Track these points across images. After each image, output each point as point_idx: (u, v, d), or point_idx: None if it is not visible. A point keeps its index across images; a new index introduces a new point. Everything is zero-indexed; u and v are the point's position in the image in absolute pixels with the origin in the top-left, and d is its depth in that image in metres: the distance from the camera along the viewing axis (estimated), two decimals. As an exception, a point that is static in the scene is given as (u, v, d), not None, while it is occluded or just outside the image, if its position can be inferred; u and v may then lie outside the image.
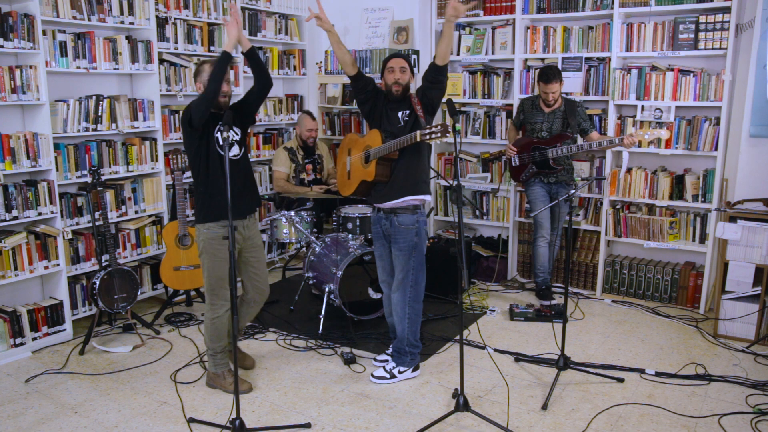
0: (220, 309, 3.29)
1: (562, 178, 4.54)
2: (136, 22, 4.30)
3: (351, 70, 3.46)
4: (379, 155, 3.34)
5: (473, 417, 3.02)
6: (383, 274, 3.60)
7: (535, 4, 4.90)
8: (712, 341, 4.01)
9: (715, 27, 4.27)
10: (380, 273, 3.63)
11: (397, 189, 3.37)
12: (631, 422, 3.05)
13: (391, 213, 3.41)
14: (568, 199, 3.36)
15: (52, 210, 3.90)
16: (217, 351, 3.36)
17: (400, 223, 3.37)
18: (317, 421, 3.07)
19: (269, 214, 5.15)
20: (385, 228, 3.47)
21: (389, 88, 3.39)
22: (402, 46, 5.46)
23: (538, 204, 4.56)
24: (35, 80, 3.76)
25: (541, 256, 4.60)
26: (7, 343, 3.75)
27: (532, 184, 4.61)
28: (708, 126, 4.35)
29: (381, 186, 3.41)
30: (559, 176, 4.53)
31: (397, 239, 3.40)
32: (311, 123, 5.03)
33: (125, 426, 3.04)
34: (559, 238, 4.66)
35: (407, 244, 3.37)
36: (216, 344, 3.35)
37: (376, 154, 3.36)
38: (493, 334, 4.11)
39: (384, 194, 3.41)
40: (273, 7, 5.45)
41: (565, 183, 4.56)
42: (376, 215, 3.51)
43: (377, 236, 3.53)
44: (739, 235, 3.94)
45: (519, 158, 4.58)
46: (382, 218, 3.46)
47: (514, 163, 4.63)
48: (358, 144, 3.55)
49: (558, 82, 4.36)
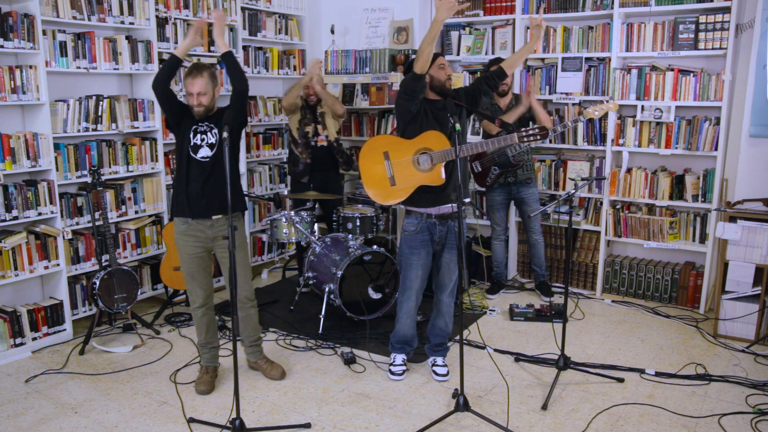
0: (193, 305, 3.42)
1: (522, 176, 4.57)
2: (136, 22, 4.30)
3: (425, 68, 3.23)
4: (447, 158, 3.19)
5: (473, 417, 3.02)
6: (421, 285, 3.44)
7: (535, 4, 4.91)
8: (712, 341, 4.01)
9: (715, 27, 4.27)
10: (418, 285, 3.43)
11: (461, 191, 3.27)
12: (631, 422, 3.05)
13: (445, 219, 3.33)
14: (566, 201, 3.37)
15: (52, 210, 3.90)
16: (198, 343, 3.51)
17: (456, 227, 3.30)
18: (317, 421, 3.07)
19: (269, 214, 5.15)
20: (439, 235, 3.35)
21: (442, 84, 3.30)
22: (402, 46, 5.47)
23: (495, 211, 4.73)
24: (35, 80, 3.76)
25: (496, 253, 4.87)
26: (7, 343, 3.75)
27: (493, 190, 4.67)
28: (708, 126, 4.35)
29: (434, 190, 3.27)
30: (518, 174, 4.55)
31: (453, 242, 3.34)
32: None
33: (125, 426, 3.04)
34: (540, 235, 4.71)
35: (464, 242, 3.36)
36: (197, 336, 3.49)
37: (443, 157, 3.21)
38: (493, 334, 4.11)
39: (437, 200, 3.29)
40: (273, 7, 5.45)
41: (525, 181, 4.59)
42: (425, 222, 3.32)
43: (424, 244, 3.35)
44: (739, 235, 3.94)
45: (480, 163, 4.59)
46: (436, 224, 3.34)
47: (476, 170, 4.65)
48: (402, 146, 3.30)
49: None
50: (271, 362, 3.57)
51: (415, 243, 3.36)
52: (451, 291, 3.45)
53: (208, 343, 3.45)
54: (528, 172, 4.60)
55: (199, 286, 3.38)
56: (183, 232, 3.32)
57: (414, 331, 3.56)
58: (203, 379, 3.40)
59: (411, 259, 3.39)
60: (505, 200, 4.70)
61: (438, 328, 3.53)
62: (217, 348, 3.51)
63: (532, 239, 4.71)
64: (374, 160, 3.34)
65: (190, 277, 3.38)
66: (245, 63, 5.23)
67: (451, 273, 3.42)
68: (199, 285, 3.38)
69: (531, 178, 4.61)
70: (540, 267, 4.78)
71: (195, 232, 3.31)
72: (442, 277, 3.46)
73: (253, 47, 5.33)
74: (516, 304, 4.52)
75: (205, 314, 3.42)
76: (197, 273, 3.37)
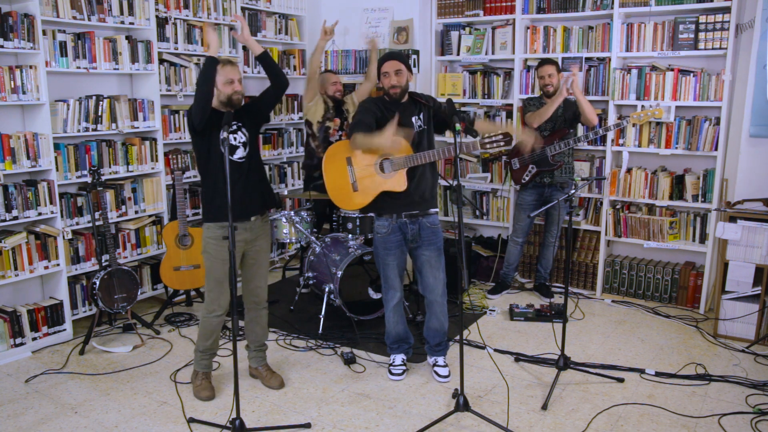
0: (212, 313, 3.26)
1: (559, 179, 4.50)
2: (136, 22, 4.30)
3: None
4: (410, 164, 3.22)
5: (473, 417, 3.02)
6: (399, 282, 3.49)
7: (535, 4, 4.91)
8: (712, 341, 4.01)
9: (715, 27, 4.28)
10: (396, 282, 3.47)
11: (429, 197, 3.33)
12: (631, 422, 3.05)
13: (416, 217, 3.35)
14: (568, 199, 3.35)
15: (52, 210, 3.90)
16: (200, 349, 3.33)
17: (431, 224, 3.33)
18: (317, 421, 3.07)
19: (269, 214, 5.14)
20: (411, 233, 3.37)
21: (386, 92, 3.34)
22: (402, 46, 5.47)
23: (521, 210, 4.64)
24: (35, 80, 3.76)
25: (510, 254, 4.80)
26: (7, 343, 3.75)
27: (526, 189, 4.61)
28: (708, 126, 4.35)
29: (402, 195, 3.30)
30: (555, 176, 4.49)
31: (433, 240, 3.35)
32: (333, 77, 4.74)
33: (125, 426, 3.04)
34: (557, 239, 4.67)
35: (441, 243, 3.38)
36: (201, 342, 3.32)
37: (406, 163, 3.22)
38: (493, 334, 4.11)
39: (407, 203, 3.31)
40: (273, 7, 5.45)
41: (560, 185, 4.52)
42: (396, 222, 3.35)
43: (397, 244, 3.38)
44: (739, 235, 3.94)
45: (519, 160, 4.57)
46: (407, 223, 3.35)
47: (515, 166, 4.63)
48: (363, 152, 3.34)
49: (551, 65, 4.38)
50: (272, 371, 3.50)
51: (389, 244, 3.39)
52: (443, 291, 3.43)
53: (211, 349, 3.35)
54: (565, 176, 4.51)
55: (224, 294, 3.25)
56: (219, 237, 3.16)
57: (404, 326, 3.57)
58: (204, 384, 3.33)
59: (387, 259, 3.42)
60: (534, 201, 4.58)
61: (433, 329, 3.52)
62: (215, 355, 3.43)
63: (547, 240, 4.70)
64: (337, 166, 3.40)
65: (218, 284, 3.23)
66: (245, 63, 5.23)
67: (435, 271, 3.39)
68: (225, 294, 3.25)
69: (567, 184, 4.51)
70: (545, 269, 4.77)
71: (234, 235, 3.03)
72: (425, 277, 3.42)
73: (253, 47, 5.33)
74: (516, 304, 4.52)
75: (221, 323, 3.31)
76: (226, 280, 3.23)
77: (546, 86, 4.39)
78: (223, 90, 3.12)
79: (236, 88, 3.14)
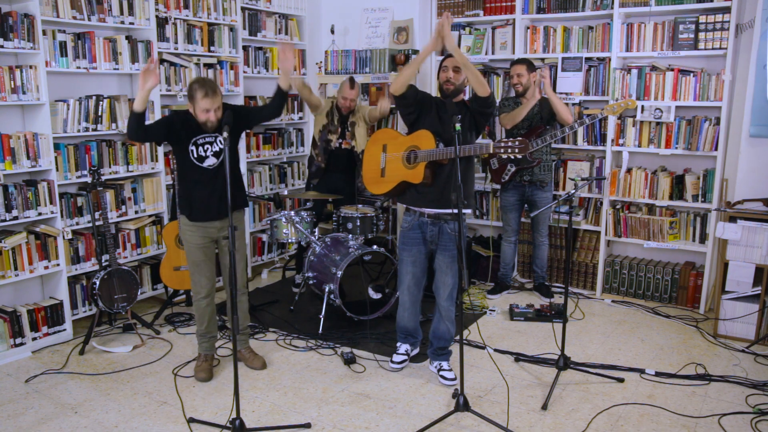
0: (197, 295, 3.51)
1: (538, 176, 4.51)
2: (136, 22, 4.30)
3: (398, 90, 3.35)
4: (431, 158, 3.25)
5: (473, 417, 3.02)
6: (412, 280, 3.49)
7: (535, 4, 4.91)
8: (712, 341, 4.01)
9: (715, 27, 4.28)
10: (408, 280, 3.49)
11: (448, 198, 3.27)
12: (631, 422, 3.05)
13: (439, 220, 3.35)
14: (569, 200, 3.36)
15: (52, 210, 3.90)
16: (198, 333, 3.58)
17: (452, 230, 3.32)
18: (317, 421, 3.07)
19: (269, 214, 5.15)
20: (431, 234, 3.38)
21: (440, 86, 3.40)
22: (402, 46, 5.47)
23: (506, 212, 4.69)
24: (35, 80, 3.76)
25: (504, 254, 4.82)
26: (7, 343, 3.75)
27: (507, 190, 4.63)
28: (708, 126, 4.35)
29: (427, 190, 3.32)
30: (535, 173, 4.50)
31: (448, 246, 3.35)
32: (349, 92, 4.65)
33: (125, 426, 3.04)
34: (546, 237, 4.71)
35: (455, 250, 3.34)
36: (197, 326, 3.57)
37: (427, 157, 3.26)
38: (493, 334, 4.11)
39: (432, 200, 3.32)
40: (273, 7, 5.45)
41: (540, 183, 4.54)
42: (417, 220, 3.39)
43: (415, 241, 3.42)
44: (739, 235, 3.94)
45: (497, 159, 4.58)
46: (427, 224, 3.37)
47: (494, 166, 4.64)
48: (398, 141, 3.44)
49: (521, 65, 4.39)
50: (254, 353, 3.70)
51: (407, 239, 3.46)
52: (448, 295, 3.42)
53: (208, 332, 3.57)
54: (543, 173, 4.52)
55: (203, 275, 3.48)
56: (190, 225, 3.43)
57: (414, 324, 3.61)
58: (202, 366, 3.53)
59: (402, 254, 3.51)
60: (517, 201, 4.64)
61: (440, 332, 3.52)
62: (215, 338, 3.65)
63: (537, 240, 4.71)
64: (374, 151, 3.59)
65: (195, 267, 3.47)
66: (245, 63, 5.23)
67: (444, 276, 3.39)
68: (204, 274, 3.48)
69: (546, 182, 4.54)
70: (541, 269, 4.78)
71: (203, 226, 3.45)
72: (436, 280, 3.46)
73: (253, 47, 5.33)
74: (516, 304, 4.52)
75: (208, 304, 3.53)
76: (203, 263, 3.47)
77: (515, 85, 4.43)
78: (199, 116, 3.31)
79: (210, 117, 3.29)
